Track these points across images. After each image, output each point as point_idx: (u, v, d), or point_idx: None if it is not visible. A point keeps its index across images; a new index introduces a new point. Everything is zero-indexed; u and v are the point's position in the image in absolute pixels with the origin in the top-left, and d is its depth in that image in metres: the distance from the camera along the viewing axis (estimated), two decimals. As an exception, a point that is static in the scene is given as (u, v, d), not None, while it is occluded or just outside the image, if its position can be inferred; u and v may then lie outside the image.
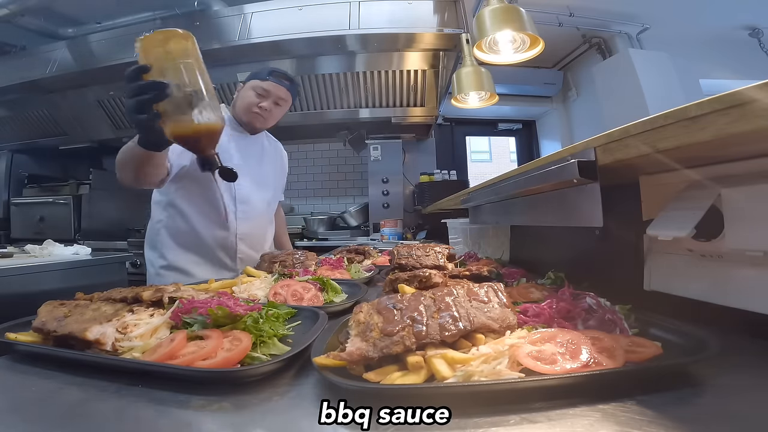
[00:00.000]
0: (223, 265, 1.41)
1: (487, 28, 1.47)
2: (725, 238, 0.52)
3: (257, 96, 1.41)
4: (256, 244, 1.51)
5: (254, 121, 1.45)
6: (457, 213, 1.99)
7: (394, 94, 2.96)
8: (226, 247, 1.42)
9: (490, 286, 0.55)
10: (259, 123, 1.45)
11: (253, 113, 1.42)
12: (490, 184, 1.04)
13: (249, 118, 1.44)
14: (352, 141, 3.41)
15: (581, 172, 0.54)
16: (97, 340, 0.51)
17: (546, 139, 3.87)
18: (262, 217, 1.54)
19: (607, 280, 0.70)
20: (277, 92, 1.42)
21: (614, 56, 2.90)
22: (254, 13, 2.60)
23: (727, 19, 2.59)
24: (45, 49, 2.95)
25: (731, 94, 0.32)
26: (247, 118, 1.44)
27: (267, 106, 1.42)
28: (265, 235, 1.58)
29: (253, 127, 1.48)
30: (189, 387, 0.44)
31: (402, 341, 0.43)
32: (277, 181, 1.66)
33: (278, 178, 1.67)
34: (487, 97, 2.10)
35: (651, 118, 0.41)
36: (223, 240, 1.41)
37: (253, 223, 1.47)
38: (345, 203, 3.68)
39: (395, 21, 2.46)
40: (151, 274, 1.42)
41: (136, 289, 0.67)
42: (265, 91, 1.41)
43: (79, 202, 3.32)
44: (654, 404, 0.36)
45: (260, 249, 1.52)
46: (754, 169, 0.49)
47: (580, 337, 0.44)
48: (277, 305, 0.65)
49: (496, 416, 0.36)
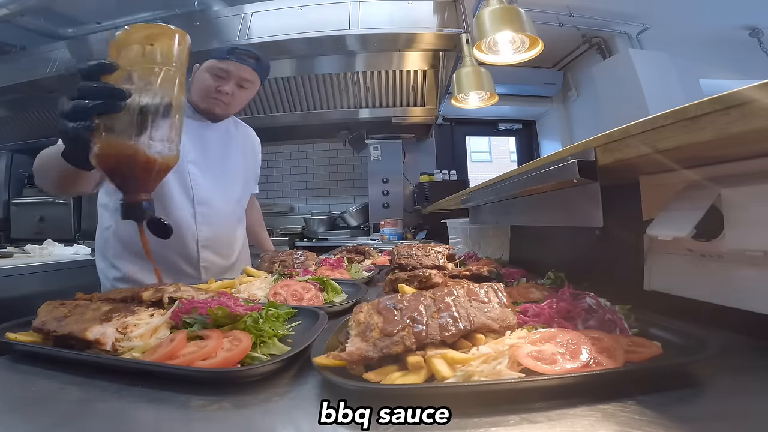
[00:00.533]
0: (186, 275, 1.22)
1: (487, 28, 1.47)
2: (725, 238, 0.52)
3: (215, 78, 1.20)
4: (224, 249, 1.31)
5: (214, 108, 1.24)
6: (457, 213, 1.99)
7: (394, 94, 2.96)
8: (186, 255, 1.22)
9: (490, 286, 0.55)
10: (220, 109, 1.25)
11: (211, 99, 1.22)
12: (490, 184, 1.04)
13: (207, 105, 1.23)
14: (352, 141, 3.41)
15: (581, 172, 0.54)
16: (97, 340, 0.50)
17: (546, 139, 3.87)
18: (228, 219, 1.33)
19: (607, 280, 0.70)
20: (240, 73, 1.21)
21: (614, 56, 2.90)
22: (254, 13, 2.60)
23: (727, 19, 2.59)
24: (45, 49, 2.94)
25: (731, 94, 0.32)
26: (206, 104, 1.24)
27: (228, 89, 1.21)
28: (233, 238, 1.36)
29: (213, 115, 1.27)
30: (189, 387, 0.43)
31: (402, 341, 0.43)
32: (248, 173, 1.44)
33: (249, 169, 1.45)
34: (487, 97, 2.10)
35: (651, 118, 0.41)
36: (182, 248, 1.21)
37: (217, 227, 1.27)
38: (345, 203, 3.68)
39: (395, 21, 2.46)
40: (106, 287, 1.22)
41: (136, 289, 0.67)
42: (224, 72, 1.20)
43: (79, 202, 3.32)
44: (654, 404, 0.36)
45: (228, 255, 1.34)
46: (754, 169, 0.49)
47: (580, 337, 0.44)
48: (277, 305, 0.65)
49: (496, 416, 0.36)
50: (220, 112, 1.26)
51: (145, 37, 0.57)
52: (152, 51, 0.57)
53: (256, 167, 1.52)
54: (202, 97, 1.23)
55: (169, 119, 0.57)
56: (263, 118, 3.17)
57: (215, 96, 1.22)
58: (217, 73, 1.21)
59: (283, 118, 3.20)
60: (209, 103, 1.23)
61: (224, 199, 1.30)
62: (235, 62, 1.20)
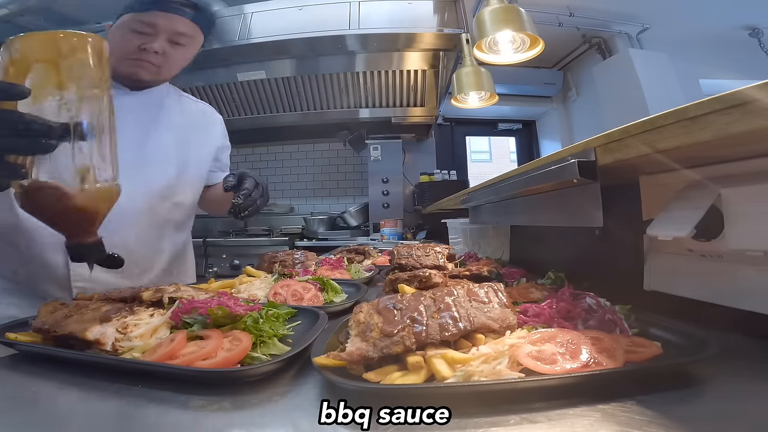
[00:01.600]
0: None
1: (487, 28, 1.47)
2: (725, 238, 0.52)
3: (137, 35, 0.91)
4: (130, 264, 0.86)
5: (138, 72, 0.94)
6: (457, 213, 1.99)
7: (394, 94, 2.96)
8: (51, 274, 0.90)
9: (490, 286, 0.55)
10: (147, 73, 0.95)
11: (133, 60, 0.93)
12: (490, 184, 1.04)
13: (129, 68, 0.94)
14: (352, 141, 3.41)
15: (581, 172, 0.54)
16: (97, 340, 0.50)
17: (546, 139, 3.87)
18: (138, 218, 0.96)
19: (607, 280, 0.70)
20: (172, 26, 0.92)
21: (614, 56, 2.90)
22: (254, 13, 2.60)
23: (727, 19, 2.59)
24: (45, 49, 2.94)
25: (731, 94, 0.32)
26: (126, 67, 0.94)
27: (157, 47, 0.92)
28: (148, 246, 1.00)
29: (138, 81, 0.97)
30: (189, 387, 0.43)
31: (402, 341, 0.43)
32: (191, 156, 1.07)
33: (193, 149, 1.08)
34: (487, 97, 2.10)
35: (651, 118, 0.41)
36: (43, 263, 0.89)
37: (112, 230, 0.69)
38: (345, 203, 3.68)
39: (395, 21, 2.46)
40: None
41: (135, 289, 0.67)
42: (149, 27, 0.91)
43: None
44: (654, 404, 0.36)
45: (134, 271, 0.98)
46: (754, 169, 0.49)
47: (580, 337, 0.44)
48: (277, 305, 0.65)
49: (496, 416, 0.36)
50: (148, 77, 0.96)
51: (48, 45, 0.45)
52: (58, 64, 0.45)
53: (210, 150, 1.16)
54: (120, 59, 0.92)
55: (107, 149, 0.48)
56: (263, 118, 3.17)
57: (138, 56, 0.92)
58: (138, 28, 0.91)
59: (283, 118, 3.20)
60: (130, 66, 0.94)
61: (131, 192, 0.73)
62: (164, 12, 0.91)
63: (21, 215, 0.83)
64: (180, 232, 1.11)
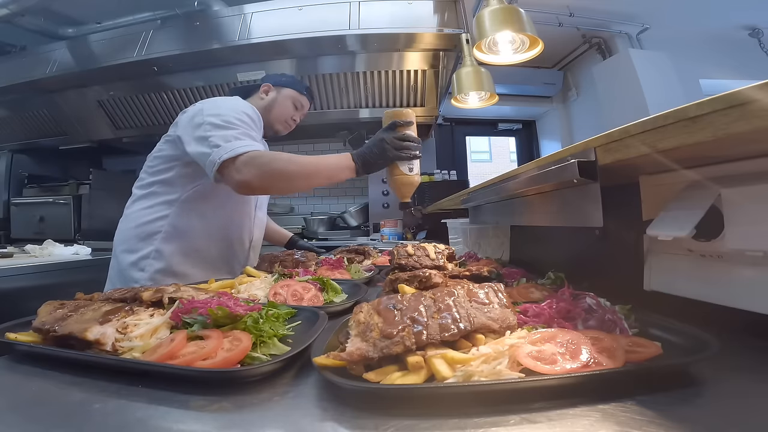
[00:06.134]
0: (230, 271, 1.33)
1: (487, 28, 1.47)
2: (725, 238, 0.52)
3: (293, 108, 1.43)
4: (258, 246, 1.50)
5: (284, 131, 1.46)
6: (457, 213, 1.99)
7: (394, 94, 2.95)
8: (238, 257, 1.38)
9: (490, 287, 0.55)
10: (285, 133, 1.47)
11: (286, 123, 1.44)
12: (490, 184, 1.04)
13: (281, 128, 1.45)
14: (352, 141, 3.40)
15: (581, 172, 0.54)
16: (98, 340, 0.50)
17: (546, 139, 3.87)
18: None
19: (607, 280, 0.70)
20: (306, 108, 1.47)
21: (614, 56, 2.90)
22: (254, 13, 2.60)
23: (727, 19, 2.60)
24: (45, 49, 2.94)
25: (731, 94, 0.32)
26: (281, 127, 1.45)
27: (298, 119, 1.46)
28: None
29: (275, 135, 1.48)
30: (189, 387, 0.44)
31: (402, 341, 0.43)
32: None
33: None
34: (487, 97, 2.10)
35: (651, 118, 0.41)
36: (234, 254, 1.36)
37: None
38: (345, 203, 3.68)
39: (395, 21, 2.46)
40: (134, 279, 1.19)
41: (135, 289, 0.67)
42: (301, 105, 1.44)
43: (79, 202, 3.32)
44: (654, 404, 0.36)
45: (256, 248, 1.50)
46: (754, 169, 0.49)
47: (580, 337, 0.44)
48: (277, 305, 0.65)
49: (496, 416, 0.36)
50: (283, 134, 1.48)
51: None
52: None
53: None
54: (282, 120, 1.43)
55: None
56: (263, 118, 3.16)
57: (289, 123, 1.45)
58: (296, 104, 1.43)
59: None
60: (283, 127, 1.44)
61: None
62: (308, 98, 1.46)
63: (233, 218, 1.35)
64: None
